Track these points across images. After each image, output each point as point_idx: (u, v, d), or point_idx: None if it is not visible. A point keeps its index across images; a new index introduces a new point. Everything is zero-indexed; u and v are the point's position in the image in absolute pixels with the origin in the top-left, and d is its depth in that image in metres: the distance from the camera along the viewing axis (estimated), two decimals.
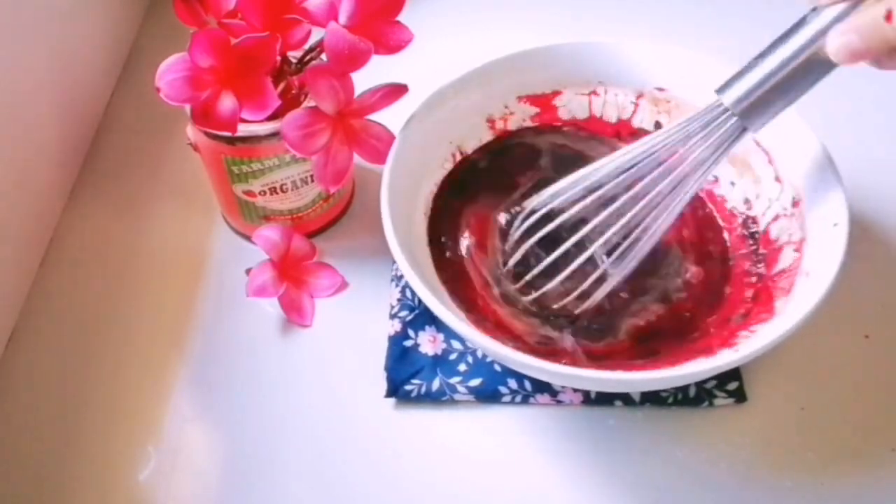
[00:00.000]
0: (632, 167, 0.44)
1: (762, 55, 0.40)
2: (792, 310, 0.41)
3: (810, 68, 0.38)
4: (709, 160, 0.42)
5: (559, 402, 0.45)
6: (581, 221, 0.45)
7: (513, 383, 0.46)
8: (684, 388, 0.45)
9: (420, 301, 0.49)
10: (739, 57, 0.40)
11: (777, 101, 0.40)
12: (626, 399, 0.45)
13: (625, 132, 0.53)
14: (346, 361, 0.48)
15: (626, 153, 0.44)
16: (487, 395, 0.46)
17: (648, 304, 0.47)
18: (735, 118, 0.40)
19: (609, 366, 0.43)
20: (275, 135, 0.46)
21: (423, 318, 0.48)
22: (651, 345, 0.45)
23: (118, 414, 0.46)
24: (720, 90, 0.41)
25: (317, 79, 0.44)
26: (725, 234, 0.49)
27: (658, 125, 0.52)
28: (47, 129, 0.54)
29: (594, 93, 0.53)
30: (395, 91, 0.46)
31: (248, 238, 0.52)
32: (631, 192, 0.43)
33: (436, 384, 0.46)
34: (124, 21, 0.67)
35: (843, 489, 0.42)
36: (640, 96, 0.52)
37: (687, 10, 0.68)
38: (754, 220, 0.49)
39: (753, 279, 0.46)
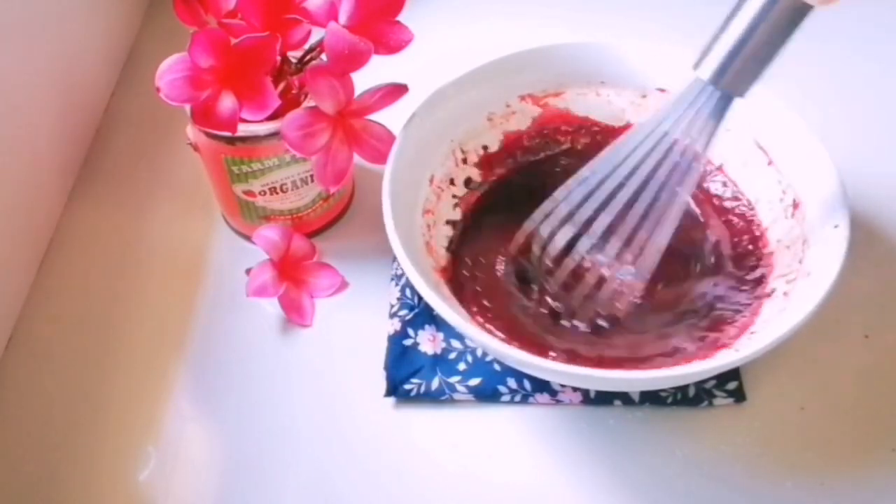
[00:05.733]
0: (626, 161, 0.43)
1: (730, 16, 0.38)
2: (793, 310, 0.41)
3: (784, 19, 0.37)
4: (703, 137, 0.41)
5: (558, 401, 0.45)
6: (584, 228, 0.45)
7: (512, 383, 0.46)
8: (684, 388, 0.45)
9: (420, 300, 0.49)
10: None
11: (757, 60, 0.38)
12: (625, 399, 0.45)
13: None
14: (346, 361, 0.48)
15: (618, 148, 0.43)
16: (487, 395, 0.46)
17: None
18: (718, 91, 0.39)
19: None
20: (275, 135, 0.46)
21: (422, 317, 0.48)
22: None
23: (118, 414, 0.46)
24: (696, 65, 0.40)
25: (317, 79, 0.44)
26: (726, 237, 0.49)
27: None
28: (47, 129, 0.54)
29: (596, 93, 0.53)
30: (395, 91, 0.46)
31: (248, 238, 0.52)
32: (630, 188, 0.43)
33: (435, 383, 0.46)
34: (124, 21, 0.67)
35: (843, 489, 0.42)
36: (642, 97, 0.52)
37: (690, 11, 0.68)
38: (755, 223, 0.49)
39: (755, 281, 0.46)
